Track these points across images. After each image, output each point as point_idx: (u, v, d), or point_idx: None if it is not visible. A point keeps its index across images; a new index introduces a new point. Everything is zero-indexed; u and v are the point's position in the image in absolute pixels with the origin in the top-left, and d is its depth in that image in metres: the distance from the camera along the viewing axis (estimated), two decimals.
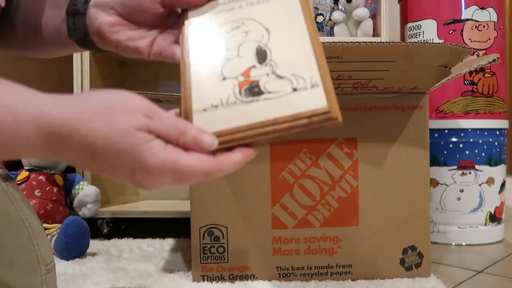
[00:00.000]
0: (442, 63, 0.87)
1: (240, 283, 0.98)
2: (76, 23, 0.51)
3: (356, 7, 1.43)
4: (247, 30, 0.46)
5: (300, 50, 0.43)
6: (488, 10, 1.31)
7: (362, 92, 0.98)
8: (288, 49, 0.44)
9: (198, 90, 0.43)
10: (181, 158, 0.36)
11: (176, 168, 0.36)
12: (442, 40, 1.31)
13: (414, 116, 1.00)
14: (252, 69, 0.43)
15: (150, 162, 0.36)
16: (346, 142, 0.99)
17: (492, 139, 1.32)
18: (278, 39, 0.45)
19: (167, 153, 0.36)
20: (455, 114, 1.31)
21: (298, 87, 0.41)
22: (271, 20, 0.46)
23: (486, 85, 1.31)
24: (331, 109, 0.40)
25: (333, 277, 0.99)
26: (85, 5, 0.50)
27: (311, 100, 0.40)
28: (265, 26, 0.46)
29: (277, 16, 0.47)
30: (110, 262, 1.12)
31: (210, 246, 0.99)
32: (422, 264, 1.00)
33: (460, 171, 1.31)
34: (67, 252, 1.12)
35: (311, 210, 0.99)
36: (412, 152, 1.00)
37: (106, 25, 0.50)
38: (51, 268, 0.58)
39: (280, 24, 0.46)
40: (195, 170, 0.36)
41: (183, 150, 0.37)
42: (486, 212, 1.31)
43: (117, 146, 0.35)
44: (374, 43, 0.80)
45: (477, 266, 1.10)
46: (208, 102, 0.41)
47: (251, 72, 0.43)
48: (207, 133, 0.38)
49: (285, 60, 0.43)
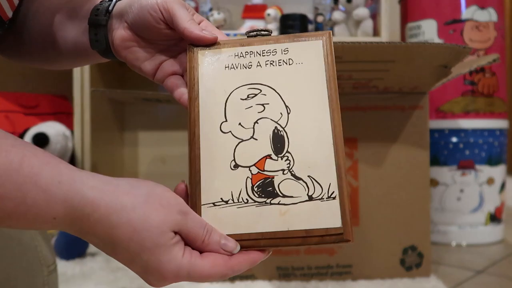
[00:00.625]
0: (442, 63, 0.87)
1: (240, 283, 0.98)
2: (98, 34, 0.49)
3: (356, 7, 1.43)
4: (265, 103, 0.42)
5: (320, 142, 0.40)
6: (488, 10, 1.31)
7: (362, 92, 0.98)
8: (307, 139, 0.40)
9: (208, 177, 0.40)
10: (197, 264, 0.37)
11: (191, 274, 0.37)
12: (442, 40, 1.31)
13: (414, 116, 1.00)
14: (267, 160, 0.40)
15: (166, 267, 0.36)
16: (346, 142, 0.99)
17: (492, 139, 1.32)
18: (297, 123, 0.41)
19: (183, 261, 0.36)
20: (455, 114, 1.31)
21: (314, 195, 0.39)
22: (291, 92, 0.42)
23: (486, 85, 1.31)
24: (344, 230, 0.38)
25: (333, 277, 0.99)
26: (106, 16, 0.49)
27: (325, 216, 0.38)
28: (284, 101, 0.42)
29: (299, 86, 0.42)
30: (110, 262, 1.12)
31: None
32: (422, 264, 1.00)
33: (460, 171, 1.31)
34: (67, 252, 1.13)
35: None
36: (412, 152, 1.00)
37: (118, 39, 0.48)
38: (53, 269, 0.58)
39: (301, 99, 0.42)
40: (210, 276, 0.37)
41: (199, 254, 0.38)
42: (486, 212, 1.31)
43: (142, 242, 0.35)
44: (374, 43, 0.80)
45: (477, 266, 1.10)
46: (218, 196, 0.39)
47: (266, 164, 0.40)
48: (230, 240, 0.38)
49: (303, 155, 0.40)
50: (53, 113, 1.56)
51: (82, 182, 0.35)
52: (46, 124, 1.40)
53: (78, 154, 1.40)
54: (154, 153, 1.66)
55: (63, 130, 1.39)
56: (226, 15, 1.52)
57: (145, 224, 0.35)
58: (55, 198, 0.34)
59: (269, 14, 1.47)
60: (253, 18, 1.51)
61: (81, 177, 0.36)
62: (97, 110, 1.43)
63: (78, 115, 1.38)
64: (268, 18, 1.47)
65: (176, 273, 0.36)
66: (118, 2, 0.48)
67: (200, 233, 0.37)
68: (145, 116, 1.66)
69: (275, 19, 1.47)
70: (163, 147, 1.66)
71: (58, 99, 1.60)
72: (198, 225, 0.37)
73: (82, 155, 1.39)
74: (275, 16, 1.47)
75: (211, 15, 1.48)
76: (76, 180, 0.35)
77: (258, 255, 0.39)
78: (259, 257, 0.39)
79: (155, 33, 0.46)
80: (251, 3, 1.54)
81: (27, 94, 1.53)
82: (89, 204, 0.35)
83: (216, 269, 0.37)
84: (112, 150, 1.57)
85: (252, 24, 1.49)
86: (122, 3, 0.48)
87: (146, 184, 0.37)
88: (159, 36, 0.47)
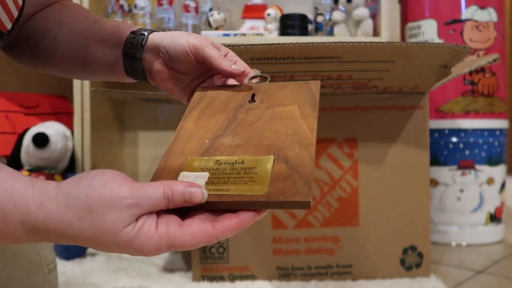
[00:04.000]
0: (442, 63, 0.87)
1: (240, 283, 0.98)
2: (133, 66, 0.55)
3: (356, 7, 1.43)
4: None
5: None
6: (488, 10, 1.31)
7: (362, 92, 0.98)
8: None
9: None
10: (175, 235, 0.36)
11: (172, 246, 0.36)
12: (442, 40, 1.31)
13: (414, 116, 1.00)
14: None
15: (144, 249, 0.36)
16: (346, 142, 0.99)
17: (492, 139, 1.32)
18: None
19: (160, 236, 0.36)
20: (455, 114, 1.31)
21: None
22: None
23: (486, 85, 1.31)
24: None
25: (333, 277, 0.99)
26: (141, 50, 0.54)
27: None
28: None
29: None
30: (110, 262, 1.12)
31: (210, 246, 0.99)
32: (422, 264, 1.00)
33: (460, 171, 1.31)
34: (67, 252, 1.13)
35: (311, 210, 0.99)
36: (412, 152, 1.00)
37: (156, 73, 0.54)
38: (53, 268, 0.59)
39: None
40: (191, 245, 0.36)
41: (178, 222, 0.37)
42: (486, 212, 1.31)
43: (107, 244, 0.36)
44: (374, 43, 0.80)
45: (477, 266, 1.10)
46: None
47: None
48: (194, 186, 0.37)
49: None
50: (53, 113, 1.56)
51: (34, 201, 0.36)
52: (46, 124, 1.40)
53: (78, 154, 1.40)
54: (154, 153, 1.66)
55: (63, 130, 1.39)
56: (226, 15, 1.52)
57: (99, 231, 0.35)
58: (13, 221, 0.35)
59: (269, 14, 1.47)
60: (253, 18, 1.51)
61: (33, 195, 0.36)
62: (97, 110, 1.43)
63: (78, 115, 1.38)
64: (268, 18, 1.47)
65: (157, 248, 0.36)
66: (150, 37, 0.54)
67: (161, 206, 0.36)
68: (145, 116, 1.66)
69: (275, 19, 1.47)
70: (163, 147, 1.65)
71: (58, 99, 1.61)
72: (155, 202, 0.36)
73: (82, 155, 1.39)
74: (275, 16, 1.47)
75: (211, 15, 1.48)
76: (29, 200, 0.36)
77: (250, 215, 0.37)
78: (252, 217, 0.38)
79: (189, 68, 0.53)
80: (251, 3, 1.54)
81: (27, 94, 1.53)
82: (42, 225, 0.35)
83: (197, 238, 0.36)
84: (112, 150, 1.57)
85: (252, 24, 1.49)
86: (155, 40, 0.53)
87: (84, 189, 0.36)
88: (192, 70, 0.54)
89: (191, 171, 0.41)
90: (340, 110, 0.99)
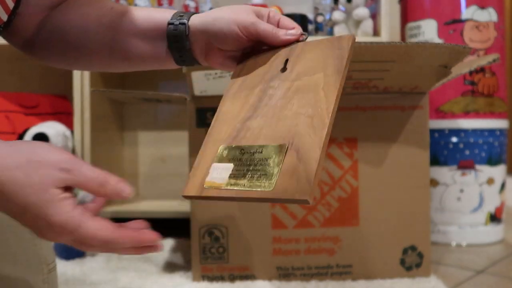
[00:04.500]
0: (442, 63, 0.87)
1: (240, 283, 0.98)
2: (183, 57, 0.55)
3: (356, 7, 1.43)
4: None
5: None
6: (488, 10, 1.31)
7: (362, 92, 0.98)
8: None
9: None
10: (84, 222, 0.38)
11: (77, 231, 0.38)
12: (442, 40, 1.31)
13: (414, 116, 1.00)
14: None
15: (54, 219, 0.37)
16: (346, 142, 0.99)
17: (492, 139, 1.32)
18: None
19: (73, 215, 0.38)
20: (455, 114, 1.31)
21: None
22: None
23: (486, 85, 1.31)
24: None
25: (333, 277, 0.99)
26: (187, 41, 0.53)
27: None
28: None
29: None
30: (110, 262, 1.12)
31: (210, 246, 0.99)
32: (422, 264, 1.00)
33: (460, 171, 1.31)
34: (67, 252, 1.13)
35: (311, 210, 0.99)
36: (412, 152, 1.00)
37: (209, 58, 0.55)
38: (53, 268, 0.59)
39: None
40: (94, 237, 0.38)
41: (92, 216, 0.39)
42: (486, 212, 1.31)
43: (27, 197, 0.37)
44: (374, 43, 0.80)
45: (477, 266, 1.10)
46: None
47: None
48: (126, 183, 0.40)
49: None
50: (53, 113, 1.56)
51: None
52: (46, 124, 1.40)
53: (78, 154, 1.40)
54: (154, 153, 1.66)
55: (63, 130, 1.39)
56: None
57: (28, 181, 0.37)
58: None
59: None
60: None
61: None
62: (97, 110, 1.43)
63: (78, 115, 1.38)
64: None
65: (64, 226, 0.37)
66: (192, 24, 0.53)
67: (92, 185, 0.39)
68: (145, 116, 1.66)
69: None
70: (163, 147, 1.66)
71: (58, 99, 1.60)
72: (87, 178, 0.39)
73: (82, 155, 1.39)
74: None
75: None
76: None
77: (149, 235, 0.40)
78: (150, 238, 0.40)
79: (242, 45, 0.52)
80: (251, 3, 1.54)
81: (27, 94, 1.53)
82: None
83: (101, 232, 0.38)
84: (112, 150, 1.57)
85: None
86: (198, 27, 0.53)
87: (27, 145, 0.39)
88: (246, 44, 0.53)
89: (221, 162, 0.44)
90: (340, 110, 0.99)
